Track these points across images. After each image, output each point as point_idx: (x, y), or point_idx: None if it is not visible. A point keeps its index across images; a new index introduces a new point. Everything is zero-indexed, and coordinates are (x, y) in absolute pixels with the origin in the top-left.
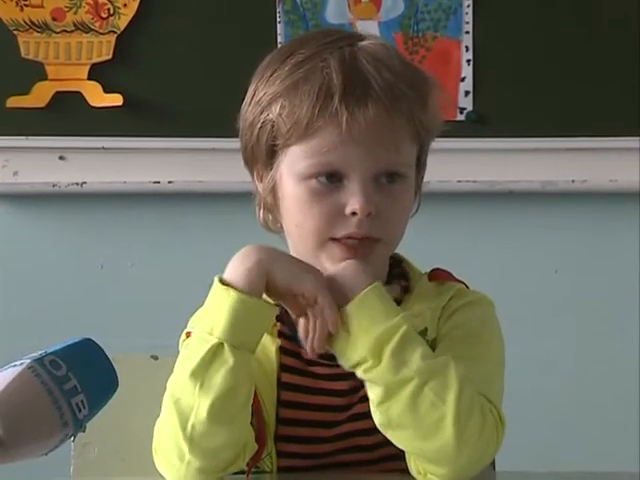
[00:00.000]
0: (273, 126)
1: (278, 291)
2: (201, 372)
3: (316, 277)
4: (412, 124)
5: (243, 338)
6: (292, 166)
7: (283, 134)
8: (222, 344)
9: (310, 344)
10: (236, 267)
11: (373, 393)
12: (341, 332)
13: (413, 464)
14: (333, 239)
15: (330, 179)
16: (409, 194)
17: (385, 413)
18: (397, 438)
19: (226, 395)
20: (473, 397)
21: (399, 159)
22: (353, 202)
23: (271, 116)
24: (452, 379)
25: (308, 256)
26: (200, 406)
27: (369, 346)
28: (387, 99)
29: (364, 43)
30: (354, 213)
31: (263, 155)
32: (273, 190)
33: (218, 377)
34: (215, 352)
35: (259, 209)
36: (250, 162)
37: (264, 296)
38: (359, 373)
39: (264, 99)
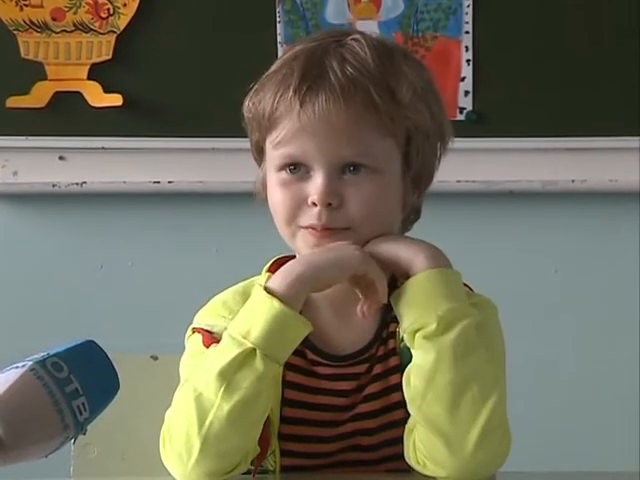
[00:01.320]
0: (252, 121)
1: (334, 283)
2: (229, 374)
3: (356, 255)
4: (376, 116)
5: (276, 349)
6: (268, 158)
7: (258, 127)
8: (255, 350)
9: (361, 309)
10: (279, 279)
11: (421, 359)
12: (413, 293)
13: (412, 455)
14: (300, 227)
15: (296, 171)
16: (380, 185)
17: (426, 382)
18: (423, 413)
19: (249, 401)
20: (504, 415)
21: (359, 150)
22: (314, 192)
23: (248, 112)
24: (496, 390)
25: (290, 245)
26: (221, 406)
27: (441, 312)
28: (340, 90)
29: (347, 39)
30: (314, 203)
31: (255, 151)
32: (265, 185)
33: (245, 382)
34: (247, 357)
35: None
36: (255, 160)
37: None
38: (418, 337)
39: (249, 95)
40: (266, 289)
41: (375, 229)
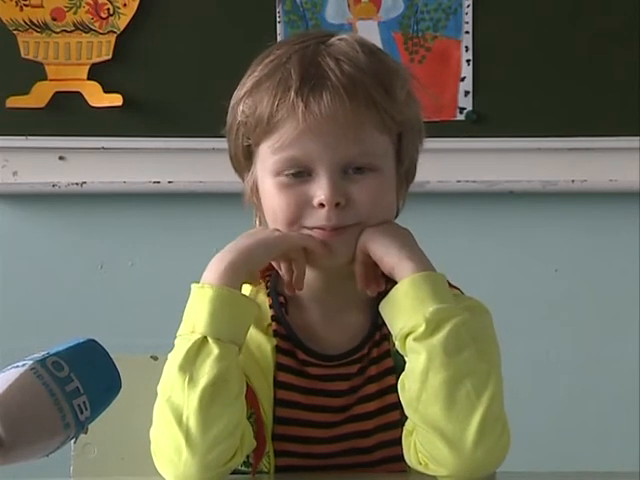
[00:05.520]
0: (244, 126)
1: (264, 264)
2: (188, 366)
3: (280, 236)
4: (376, 113)
5: (224, 330)
6: (263, 163)
7: (251, 132)
8: (205, 337)
9: (289, 286)
10: (213, 269)
11: (413, 362)
12: (400, 299)
13: (413, 456)
14: (304, 227)
15: (298, 175)
16: (381, 182)
17: (420, 383)
18: (420, 415)
19: (214, 384)
20: (501, 410)
21: (363, 148)
22: (320, 194)
23: (241, 117)
24: (490, 385)
25: None
26: (191, 398)
27: (429, 314)
28: (343, 89)
29: (333, 40)
30: (322, 205)
31: (242, 157)
32: (256, 191)
33: (205, 367)
34: (200, 346)
35: (255, 215)
36: (237, 167)
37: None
38: (408, 340)
39: (235, 102)
40: (198, 284)
41: (382, 220)
